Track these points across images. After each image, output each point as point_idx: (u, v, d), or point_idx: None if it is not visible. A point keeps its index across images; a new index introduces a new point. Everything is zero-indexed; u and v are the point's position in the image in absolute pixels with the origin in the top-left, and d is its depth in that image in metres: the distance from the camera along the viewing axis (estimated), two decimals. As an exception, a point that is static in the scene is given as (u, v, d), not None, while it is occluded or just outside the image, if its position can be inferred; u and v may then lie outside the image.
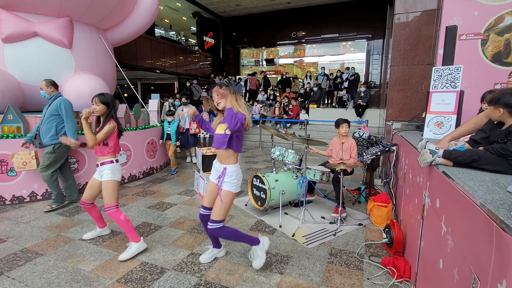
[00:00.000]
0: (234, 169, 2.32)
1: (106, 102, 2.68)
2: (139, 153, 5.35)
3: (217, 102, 2.26)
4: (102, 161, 2.72)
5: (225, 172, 2.30)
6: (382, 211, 3.36)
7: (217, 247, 2.67)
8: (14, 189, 4.00)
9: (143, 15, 6.42)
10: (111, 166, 2.72)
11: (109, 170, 2.71)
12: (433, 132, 3.44)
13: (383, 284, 2.30)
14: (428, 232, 1.90)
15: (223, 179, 2.31)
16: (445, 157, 1.80)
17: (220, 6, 15.37)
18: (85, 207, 2.91)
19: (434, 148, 1.84)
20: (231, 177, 2.31)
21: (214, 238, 2.62)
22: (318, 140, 3.63)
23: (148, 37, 12.13)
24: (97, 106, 2.66)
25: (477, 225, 1.10)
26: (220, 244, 2.69)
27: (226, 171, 2.30)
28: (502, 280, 0.88)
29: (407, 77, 5.31)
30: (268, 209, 3.84)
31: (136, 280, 2.34)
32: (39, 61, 5.08)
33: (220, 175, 2.32)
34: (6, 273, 2.42)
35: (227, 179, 2.31)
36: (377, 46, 14.24)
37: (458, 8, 4.27)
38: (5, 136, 3.98)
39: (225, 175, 2.30)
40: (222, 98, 2.24)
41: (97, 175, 2.80)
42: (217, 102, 2.26)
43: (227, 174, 2.30)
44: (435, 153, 1.80)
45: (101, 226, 3.09)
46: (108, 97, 2.71)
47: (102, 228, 3.10)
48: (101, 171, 2.74)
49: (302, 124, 9.87)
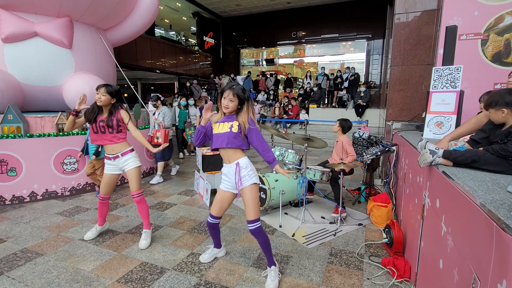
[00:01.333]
0: (246, 161, 2.24)
1: (111, 94, 2.71)
2: (139, 153, 5.28)
3: (226, 106, 2.12)
4: (121, 151, 2.76)
5: (239, 167, 2.19)
6: (382, 211, 3.36)
7: (217, 247, 2.67)
8: (14, 189, 4.00)
9: (143, 15, 6.42)
10: (134, 154, 2.84)
11: (135, 157, 2.82)
12: (433, 132, 3.44)
13: (383, 284, 2.30)
14: (428, 232, 1.90)
15: (240, 176, 2.18)
16: (445, 157, 1.79)
17: (220, 6, 15.36)
18: (103, 202, 2.95)
19: (434, 148, 1.84)
20: (247, 168, 2.21)
21: (216, 238, 2.60)
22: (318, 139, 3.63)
23: (148, 37, 12.13)
24: (103, 96, 2.67)
25: (477, 225, 1.10)
26: (220, 244, 2.69)
27: (240, 165, 2.19)
28: (502, 280, 0.88)
29: (407, 77, 5.31)
30: (268, 209, 3.84)
31: (136, 280, 2.34)
32: (39, 61, 5.07)
33: (235, 173, 2.20)
34: (6, 273, 2.42)
35: (244, 173, 2.19)
36: (377, 46, 14.24)
37: (458, 8, 4.27)
38: (5, 136, 3.97)
39: (240, 170, 2.19)
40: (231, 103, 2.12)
41: (113, 169, 2.83)
42: (226, 106, 2.12)
43: (242, 167, 2.19)
44: (435, 153, 1.79)
45: (101, 224, 3.09)
46: (114, 89, 2.74)
47: (102, 226, 3.11)
48: (124, 161, 2.78)
49: (302, 124, 9.87)
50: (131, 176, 2.80)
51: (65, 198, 4.31)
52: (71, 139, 4.33)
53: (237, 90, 2.12)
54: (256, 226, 2.20)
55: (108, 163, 2.82)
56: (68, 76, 5.34)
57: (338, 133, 3.87)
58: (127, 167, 2.80)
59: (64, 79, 5.32)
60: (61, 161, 4.27)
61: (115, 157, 2.77)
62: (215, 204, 2.38)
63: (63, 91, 5.26)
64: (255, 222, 2.20)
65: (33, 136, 4.14)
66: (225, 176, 2.30)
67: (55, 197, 4.28)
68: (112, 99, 2.73)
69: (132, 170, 2.79)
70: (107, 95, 2.68)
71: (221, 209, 2.38)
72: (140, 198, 2.85)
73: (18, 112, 4.14)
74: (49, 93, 5.31)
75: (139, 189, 2.84)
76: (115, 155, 2.77)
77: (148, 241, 2.89)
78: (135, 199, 2.83)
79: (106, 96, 2.68)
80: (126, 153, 2.79)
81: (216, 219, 2.41)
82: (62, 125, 4.43)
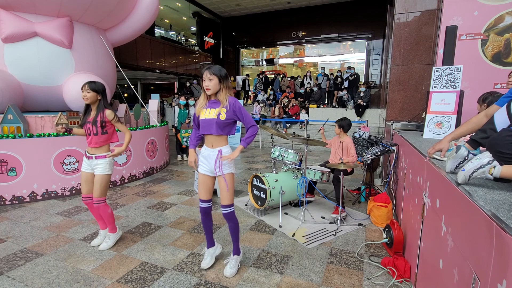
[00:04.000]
0: (229, 150, 2.34)
1: (95, 90, 2.67)
2: (139, 153, 5.35)
3: (207, 86, 2.21)
4: (97, 154, 2.71)
5: (221, 154, 2.28)
6: (382, 211, 3.36)
7: (211, 245, 2.62)
8: (14, 189, 4.00)
9: (143, 15, 6.42)
10: (109, 160, 2.74)
11: (106, 164, 2.73)
12: (433, 132, 3.44)
13: (383, 284, 2.30)
14: (428, 232, 1.90)
15: (220, 163, 2.27)
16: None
17: (220, 6, 15.36)
18: (87, 202, 2.87)
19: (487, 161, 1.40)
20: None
21: (210, 232, 2.57)
22: (318, 140, 3.63)
23: (148, 37, 12.13)
24: (88, 93, 2.64)
25: (477, 225, 1.10)
26: (213, 241, 2.65)
27: (222, 153, 2.28)
28: (502, 280, 0.88)
29: (407, 77, 5.31)
30: (268, 209, 3.84)
31: (136, 280, 2.34)
32: (39, 61, 5.08)
33: (216, 159, 2.28)
34: (6, 273, 2.42)
35: (225, 162, 2.28)
36: (377, 46, 14.23)
37: (458, 8, 4.27)
38: (5, 136, 3.98)
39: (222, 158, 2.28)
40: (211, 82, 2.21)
41: (87, 168, 2.77)
42: (207, 86, 2.21)
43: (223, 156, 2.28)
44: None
45: (103, 227, 3.00)
46: (98, 85, 2.69)
47: (105, 229, 3.00)
48: (95, 164, 2.72)
49: (302, 124, 9.87)
50: (97, 181, 2.72)
51: (65, 198, 4.31)
52: (71, 139, 4.33)
53: (213, 69, 2.21)
54: (230, 210, 2.36)
55: (84, 160, 2.79)
56: (68, 76, 5.34)
57: (341, 134, 3.87)
58: (96, 171, 2.73)
59: (64, 79, 5.32)
60: (61, 161, 4.27)
61: (89, 157, 2.73)
62: (200, 188, 2.43)
63: (63, 91, 5.26)
64: (229, 206, 2.35)
65: (33, 136, 4.14)
66: (204, 159, 2.36)
67: (55, 197, 4.28)
68: (98, 95, 2.70)
69: (99, 176, 2.72)
70: (91, 91, 2.65)
71: (207, 191, 2.41)
72: (100, 206, 2.75)
73: (18, 112, 4.14)
74: (49, 93, 5.32)
75: (102, 196, 2.74)
76: (90, 155, 2.73)
77: (110, 244, 2.84)
78: (95, 205, 2.74)
79: (91, 93, 2.66)
80: (100, 158, 2.72)
81: (207, 202, 2.43)
82: (62, 125, 4.42)
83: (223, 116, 2.21)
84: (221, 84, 2.23)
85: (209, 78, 2.19)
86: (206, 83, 2.20)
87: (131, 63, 11.37)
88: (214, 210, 3.85)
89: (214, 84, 2.20)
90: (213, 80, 2.20)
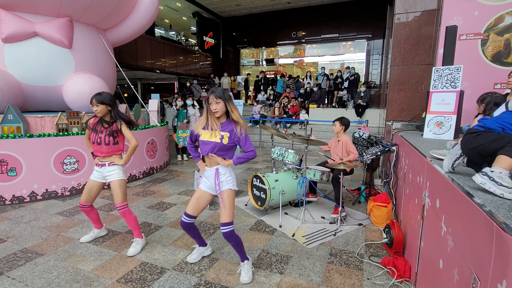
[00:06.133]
0: (226, 169, 2.33)
1: (104, 102, 2.63)
2: (139, 153, 5.35)
3: (215, 110, 2.20)
4: (110, 161, 2.71)
5: (218, 172, 2.29)
6: (382, 211, 3.36)
7: (203, 245, 2.66)
8: (14, 189, 4.00)
9: (143, 15, 6.42)
10: (121, 167, 2.75)
11: (120, 170, 2.74)
12: (433, 132, 3.44)
13: (383, 284, 2.30)
14: (428, 232, 1.90)
15: (218, 181, 2.29)
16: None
17: (220, 6, 15.36)
18: (84, 209, 2.86)
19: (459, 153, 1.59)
20: (225, 175, 2.30)
21: (198, 237, 2.59)
22: (318, 140, 3.63)
23: (148, 37, 12.12)
24: (97, 107, 2.62)
25: (477, 225, 1.10)
26: (205, 242, 2.69)
27: (219, 171, 2.29)
28: (502, 280, 0.88)
29: (407, 77, 5.31)
30: (268, 209, 3.84)
31: (136, 280, 2.34)
32: (39, 61, 5.08)
33: (215, 177, 2.30)
34: (6, 273, 2.42)
35: (222, 179, 2.29)
36: (377, 46, 14.24)
37: (458, 8, 4.27)
38: (5, 136, 3.97)
39: (219, 175, 2.29)
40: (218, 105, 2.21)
41: (98, 176, 2.78)
42: (215, 110, 2.20)
43: (220, 173, 2.29)
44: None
45: (98, 227, 3.06)
46: (105, 96, 2.64)
47: (100, 229, 3.07)
48: (108, 171, 2.72)
49: (302, 124, 9.87)
50: (113, 188, 2.71)
51: (65, 198, 4.31)
52: (71, 139, 4.33)
53: (217, 92, 2.20)
54: (229, 229, 2.27)
55: (95, 169, 2.78)
56: (68, 76, 5.34)
57: (340, 133, 3.87)
58: (110, 178, 2.72)
59: (64, 79, 5.32)
60: (61, 161, 4.26)
61: (102, 165, 2.72)
62: (191, 201, 2.40)
63: (63, 91, 5.26)
64: (228, 225, 2.27)
65: (33, 136, 4.14)
66: (205, 178, 2.39)
67: (55, 197, 4.28)
68: (107, 106, 2.65)
69: (115, 182, 2.71)
70: (100, 105, 2.61)
71: (197, 207, 2.40)
72: (125, 211, 2.74)
73: (18, 112, 4.14)
74: (49, 93, 5.32)
75: (123, 201, 2.74)
76: (103, 163, 2.72)
77: (138, 249, 2.78)
78: (120, 211, 2.72)
79: (100, 106, 2.61)
80: (113, 164, 2.72)
81: (191, 218, 2.41)
82: (62, 125, 4.43)
83: (225, 140, 2.22)
84: (227, 106, 2.23)
85: (216, 102, 2.19)
86: (214, 106, 2.19)
87: (131, 63, 11.37)
88: (214, 211, 3.86)
89: (221, 106, 2.21)
90: (220, 103, 2.20)
